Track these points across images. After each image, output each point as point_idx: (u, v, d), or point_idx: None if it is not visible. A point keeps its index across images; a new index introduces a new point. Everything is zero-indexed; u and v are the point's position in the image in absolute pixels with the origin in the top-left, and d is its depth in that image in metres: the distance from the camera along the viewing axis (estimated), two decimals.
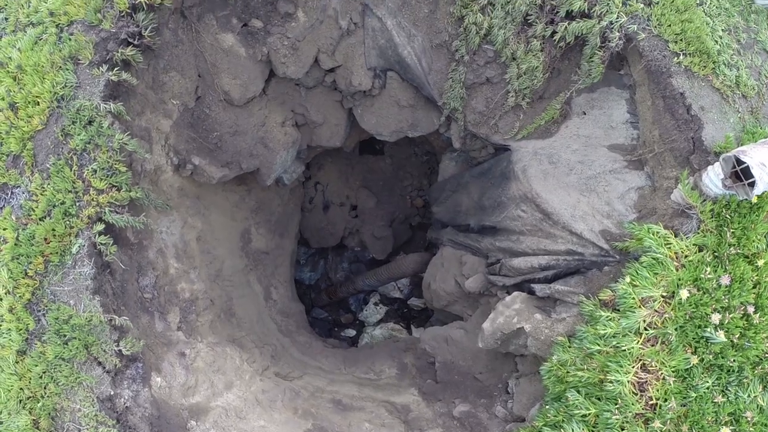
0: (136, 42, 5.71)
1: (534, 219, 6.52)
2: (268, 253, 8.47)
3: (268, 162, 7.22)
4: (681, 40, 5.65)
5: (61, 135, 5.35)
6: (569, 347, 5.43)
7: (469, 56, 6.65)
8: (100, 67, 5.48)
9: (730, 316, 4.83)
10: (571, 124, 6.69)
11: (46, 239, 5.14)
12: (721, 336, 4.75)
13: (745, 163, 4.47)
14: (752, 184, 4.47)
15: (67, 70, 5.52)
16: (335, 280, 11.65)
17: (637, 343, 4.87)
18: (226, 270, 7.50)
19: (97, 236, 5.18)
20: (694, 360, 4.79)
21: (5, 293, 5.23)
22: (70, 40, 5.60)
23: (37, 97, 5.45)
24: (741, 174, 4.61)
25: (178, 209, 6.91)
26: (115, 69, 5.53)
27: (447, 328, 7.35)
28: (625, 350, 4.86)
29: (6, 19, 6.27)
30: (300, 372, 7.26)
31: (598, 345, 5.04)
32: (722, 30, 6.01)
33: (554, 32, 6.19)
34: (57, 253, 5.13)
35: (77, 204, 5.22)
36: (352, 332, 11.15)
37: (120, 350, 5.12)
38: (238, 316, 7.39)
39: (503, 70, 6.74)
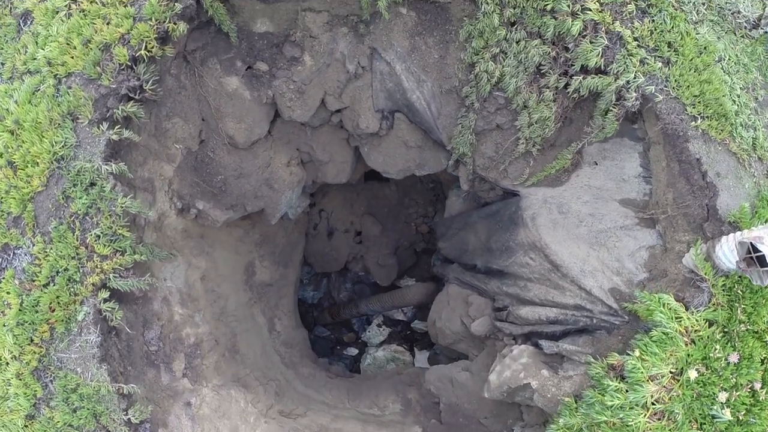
0: (137, 96, 5.52)
1: (542, 269, 6.48)
2: (272, 284, 8.43)
3: (273, 202, 7.11)
4: (699, 102, 5.51)
5: (62, 198, 5.22)
6: (576, 411, 5.47)
7: (479, 103, 6.49)
8: (101, 126, 5.31)
9: (737, 393, 4.86)
10: (582, 173, 6.58)
11: (51, 307, 5.08)
12: (727, 414, 4.79)
13: (761, 251, 4.42)
14: None
15: (66, 127, 5.35)
16: (338, 300, 11.67)
17: (644, 416, 4.91)
18: (230, 306, 7.47)
19: (102, 303, 5.12)
20: None
21: (11, 358, 5.20)
22: (68, 94, 5.42)
23: (36, 157, 5.30)
24: (756, 259, 4.56)
25: (182, 252, 6.83)
26: (116, 127, 5.36)
27: (452, 367, 7.39)
28: (631, 425, 4.90)
29: (2, 64, 6.05)
30: (304, 408, 7.32)
31: (605, 416, 5.08)
32: (740, 88, 5.87)
33: (568, 84, 6.03)
34: (62, 321, 5.08)
35: (81, 270, 5.14)
36: (354, 351, 11.21)
37: (129, 419, 5.12)
38: (242, 352, 7.40)
39: (514, 116, 6.59)
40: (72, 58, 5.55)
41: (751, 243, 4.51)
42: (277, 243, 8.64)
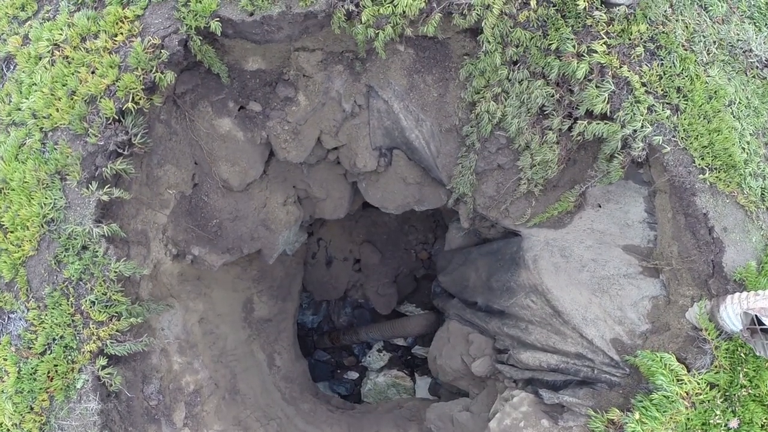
0: (126, 152, 5.34)
1: (544, 313, 6.41)
2: (270, 319, 8.38)
3: (270, 243, 6.99)
4: (708, 154, 5.32)
5: (54, 263, 5.12)
6: None
7: (480, 143, 6.29)
8: (90, 186, 5.16)
9: None
10: (585, 216, 6.43)
11: (49, 376, 5.03)
12: None
13: (767, 325, 4.33)
14: None
15: (55, 188, 5.20)
16: (338, 325, 11.61)
17: None
18: (229, 345, 7.45)
19: (100, 370, 5.08)
20: None
21: (12, 426, 5.18)
22: (55, 151, 5.24)
23: (25, 220, 5.16)
24: (761, 331, 4.48)
25: (178, 297, 6.76)
26: (106, 187, 5.21)
27: (453, 405, 7.41)
28: None
29: None
30: None
31: None
32: (750, 134, 5.66)
33: (572, 126, 5.82)
34: (61, 389, 5.04)
35: (77, 338, 5.07)
36: (354, 375, 11.21)
37: None
38: (242, 392, 7.41)
39: (516, 156, 6.40)
40: (57, 110, 5.35)
41: (756, 316, 4.42)
42: (276, 277, 8.55)
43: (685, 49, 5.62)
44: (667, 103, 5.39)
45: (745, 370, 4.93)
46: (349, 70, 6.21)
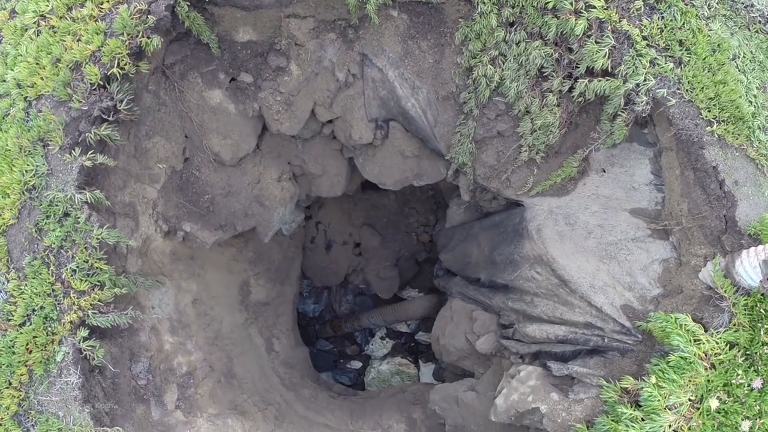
0: (111, 118, 5.17)
1: (550, 283, 6.14)
2: (268, 303, 8.12)
3: (265, 220, 6.77)
4: (714, 105, 5.12)
5: (35, 231, 4.90)
6: None
7: (478, 110, 6.11)
8: (73, 152, 4.97)
9: (761, 422, 4.54)
10: (589, 182, 6.21)
11: (28, 348, 4.78)
12: None
13: None
14: None
15: (37, 155, 5.02)
16: (340, 313, 11.36)
17: None
18: (225, 328, 7.17)
19: (81, 342, 4.81)
20: None
21: None
22: (38, 118, 5.07)
23: (5, 187, 4.97)
24: None
25: (170, 276, 6.52)
26: (90, 152, 5.02)
27: (457, 386, 7.09)
28: None
29: None
30: None
31: None
32: (756, 87, 5.47)
33: (572, 87, 5.65)
34: (41, 362, 4.78)
35: (58, 308, 4.83)
36: (357, 364, 10.93)
37: None
38: (239, 376, 7.11)
39: (515, 123, 6.21)
40: (41, 79, 5.20)
41: None
42: (273, 259, 8.32)
43: (686, 3, 5.46)
44: (669, 57, 5.21)
45: (766, 326, 4.64)
46: (342, 38, 6.07)
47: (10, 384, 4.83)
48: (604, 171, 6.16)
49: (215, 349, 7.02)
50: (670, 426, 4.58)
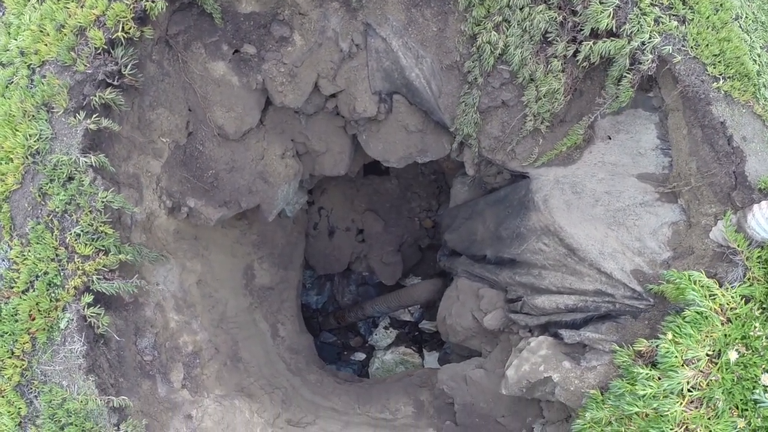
0: (116, 82, 5.13)
1: (557, 254, 6.07)
2: (272, 288, 8.01)
3: (269, 198, 6.70)
4: (720, 62, 5.12)
5: (39, 195, 4.83)
6: (604, 403, 5.07)
7: (483, 78, 6.10)
8: (77, 115, 4.93)
9: None
10: (595, 149, 6.19)
11: (31, 315, 4.67)
12: None
13: None
14: None
15: (41, 119, 4.96)
16: (343, 304, 11.23)
17: (680, 405, 4.50)
18: (229, 312, 7.05)
19: (86, 308, 4.71)
20: (741, 424, 4.42)
21: None
22: (42, 83, 5.03)
23: (9, 152, 4.90)
24: None
25: (175, 254, 6.42)
26: (94, 116, 4.97)
27: (465, 365, 6.97)
28: (667, 414, 4.49)
29: None
30: (313, 416, 6.89)
31: (637, 407, 4.67)
32: (760, 47, 5.49)
33: (577, 51, 5.65)
34: (44, 329, 4.67)
35: (62, 273, 4.73)
36: (362, 356, 10.78)
37: None
38: (245, 360, 6.98)
39: (520, 92, 6.20)
40: (45, 45, 5.17)
41: None
42: (276, 243, 8.22)
43: None
44: (673, 15, 5.24)
45: None
46: (345, 7, 6.07)
47: (13, 353, 4.71)
48: (610, 138, 6.14)
49: (220, 332, 6.90)
50: (688, 382, 4.50)
